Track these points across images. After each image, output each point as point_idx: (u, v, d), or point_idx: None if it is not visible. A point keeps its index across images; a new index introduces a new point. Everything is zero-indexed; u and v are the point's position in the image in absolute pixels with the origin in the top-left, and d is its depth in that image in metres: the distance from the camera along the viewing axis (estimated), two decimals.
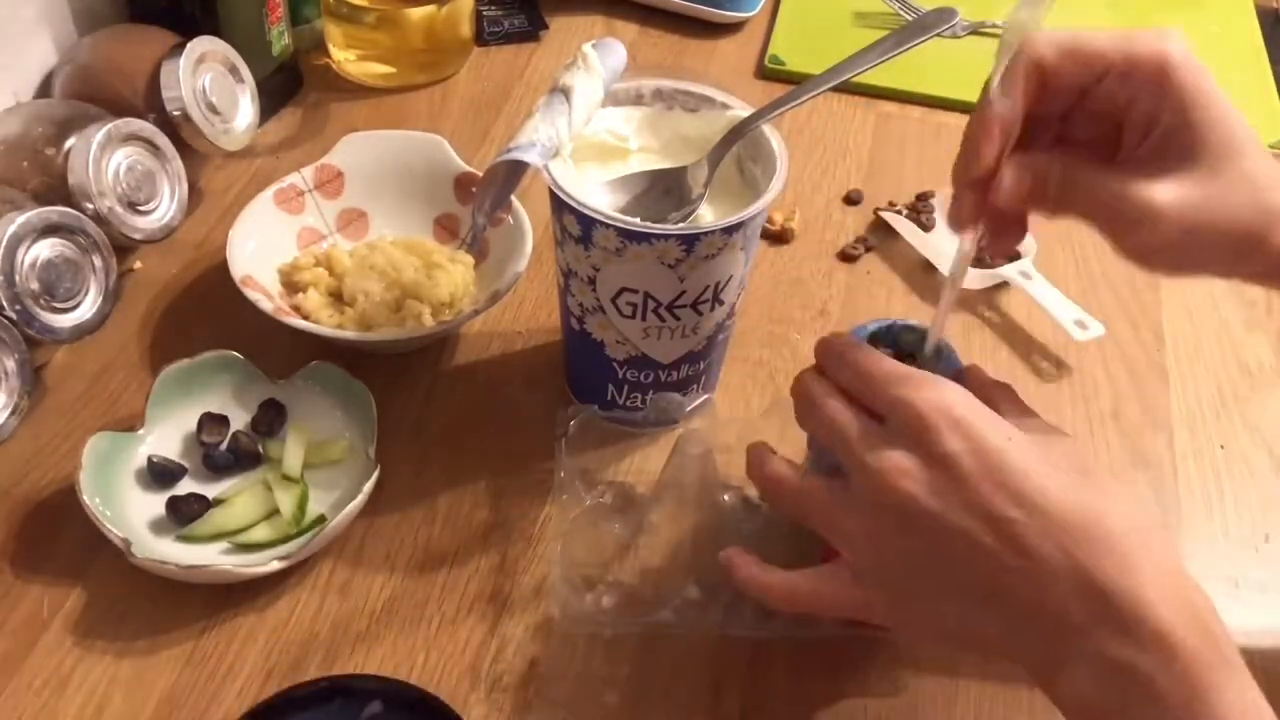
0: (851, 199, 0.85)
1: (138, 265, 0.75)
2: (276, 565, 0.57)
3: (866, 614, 0.50)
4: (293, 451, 0.63)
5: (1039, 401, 0.72)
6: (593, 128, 0.63)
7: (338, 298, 0.71)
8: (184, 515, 0.61)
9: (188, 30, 0.78)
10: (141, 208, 0.71)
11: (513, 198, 0.69)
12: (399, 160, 0.77)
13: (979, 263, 0.80)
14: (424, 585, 0.60)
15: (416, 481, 0.65)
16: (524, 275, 0.70)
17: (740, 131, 0.62)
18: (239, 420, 0.65)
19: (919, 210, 0.84)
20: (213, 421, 0.65)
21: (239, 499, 0.62)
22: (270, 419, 0.65)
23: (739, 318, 0.67)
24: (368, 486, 0.60)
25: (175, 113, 0.74)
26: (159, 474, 0.63)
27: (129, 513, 0.61)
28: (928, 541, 0.45)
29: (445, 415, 0.68)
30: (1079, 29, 0.49)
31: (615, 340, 0.63)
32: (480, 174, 0.75)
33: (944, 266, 0.79)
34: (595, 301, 0.62)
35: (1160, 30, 0.49)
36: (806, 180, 0.87)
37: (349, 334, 0.67)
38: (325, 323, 0.69)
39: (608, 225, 0.57)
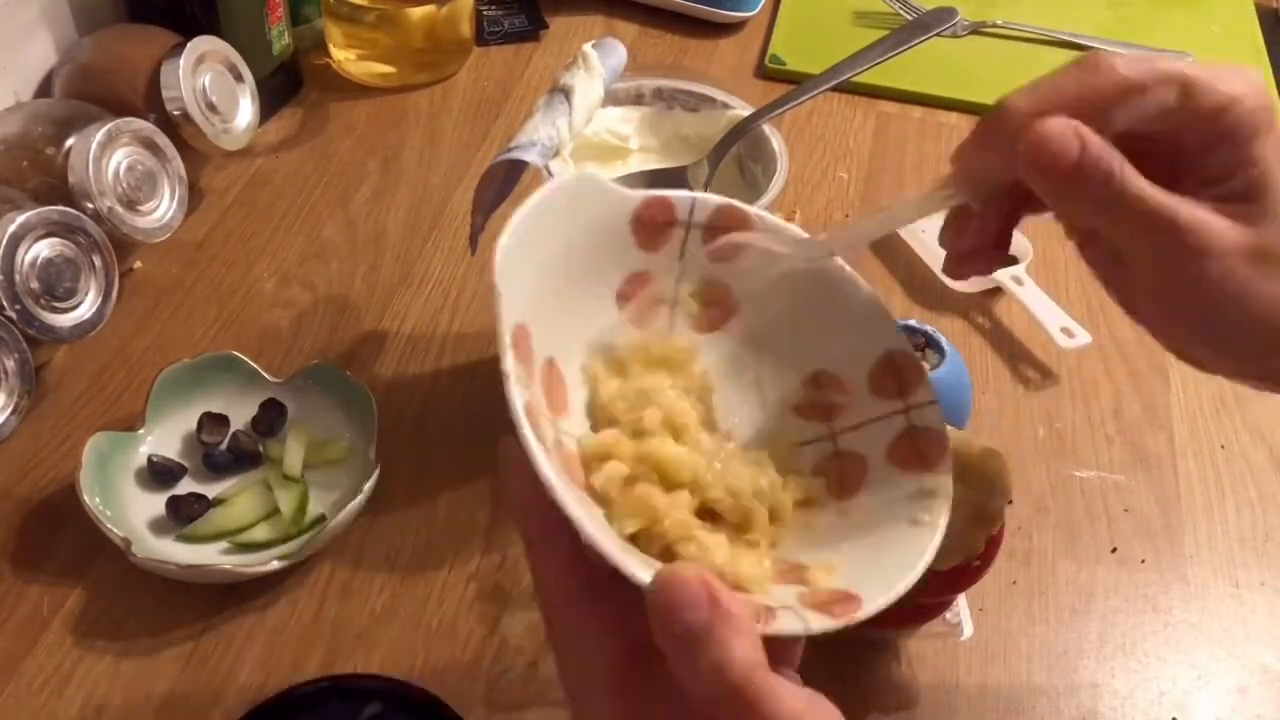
0: None
1: (138, 265, 0.75)
2: (276, 565, 0.57)
3: None
4: (293, 451, 0.63)
5: (1038, 403, 0.73)
6: (593, 128, 0.63)
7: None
8: (184, 515, 0.61)
9: (188, 30, 0.77)
10: (141, 208, 0.71)
11: None
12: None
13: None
14: (424, 585, 0.60)
15: (416, 481, 0.65)
16: None
17: (740, 131, 0.62)
18: (239, 420, 0.65)
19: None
20: (213, 421, 0.65)
21: (239, 499, 0.62)
22: (270, 419, 0.65)
23: None
24: (368, 486, 0.60)
25: (175, 113, 0.74)
26: (159, 474, 0.63)
27: (129, 512, 0.61)
28: None
29: (445, 415, 0.68)
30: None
31: None
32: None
33: (941, 267, 0.79)
34: None
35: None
36: (806, 180, 0.87)
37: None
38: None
39: None
